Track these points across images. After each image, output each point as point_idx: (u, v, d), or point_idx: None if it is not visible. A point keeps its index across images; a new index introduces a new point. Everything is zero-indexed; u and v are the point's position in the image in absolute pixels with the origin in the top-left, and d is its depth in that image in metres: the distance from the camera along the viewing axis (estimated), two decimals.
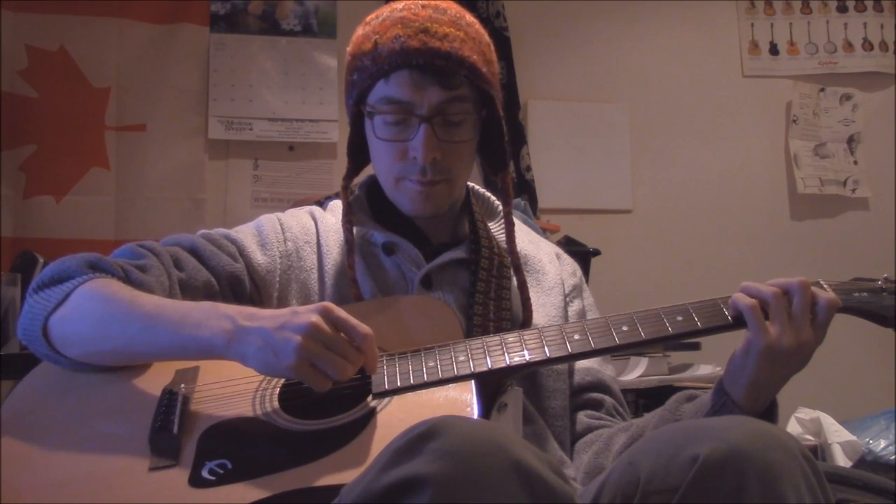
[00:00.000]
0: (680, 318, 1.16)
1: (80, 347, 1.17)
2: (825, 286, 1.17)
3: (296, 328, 1.04)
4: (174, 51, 2.92)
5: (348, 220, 1.35)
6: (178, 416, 1.10)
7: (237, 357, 1.08)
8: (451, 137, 1.28)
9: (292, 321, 1.05)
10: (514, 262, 1.36)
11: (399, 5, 1.31)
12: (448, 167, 1.29)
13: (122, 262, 1.23)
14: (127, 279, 1.20)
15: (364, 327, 1.08)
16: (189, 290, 1.26)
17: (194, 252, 1.30)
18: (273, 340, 1.04)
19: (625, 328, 1.16)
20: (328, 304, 1.08)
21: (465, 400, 1.08)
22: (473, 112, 1.29)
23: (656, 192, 3.26)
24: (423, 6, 1.30)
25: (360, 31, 1.33)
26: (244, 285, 1.31)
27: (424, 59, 1.23)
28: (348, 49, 1.34)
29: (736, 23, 3.39)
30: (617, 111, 3.26)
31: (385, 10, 1.32)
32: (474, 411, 1.06)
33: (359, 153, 1.38)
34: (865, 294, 1.18)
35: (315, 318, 1.05)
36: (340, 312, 1.07)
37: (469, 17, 1.33)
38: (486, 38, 1.34)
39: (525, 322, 1.32)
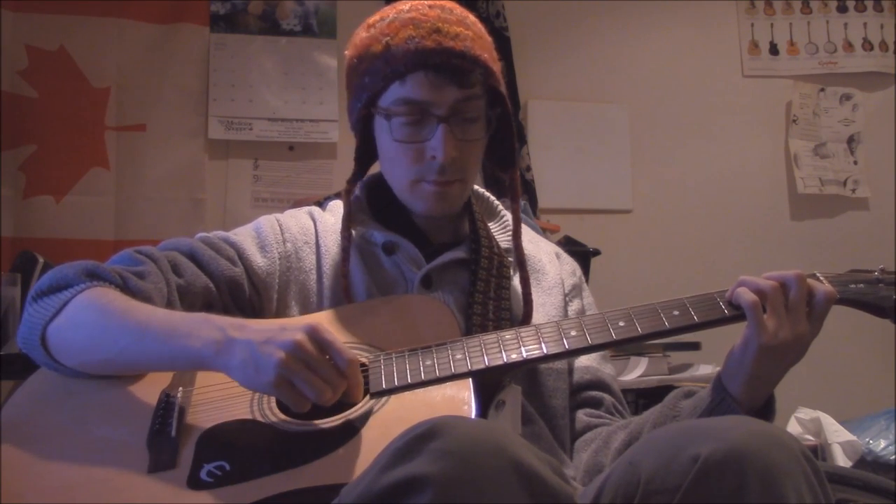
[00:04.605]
0: (676, 313, 1.16)
1: (75, 357, 1.17)
2: (822, 278, 1.18)
3: (279, 344, 1.03)
4: (174, 51, 2.92)
5: (346, 226, 1.35)
6: (176, 418, 1.10)
7: (222, 368, 1.07)
8: (466, 136, 1.28)
9: (277, 337, 1.04)
10: (518, 258, 1.36)
11: (404, 6, 1.31)
12: (463, 166, 1.29)
13: (120, 270, 1.22)
14: (125, 287, 1.20)
15: (349, 352, 1.06)
16: (188, 296, 1.25)
17: (193, 257, 1.30)
18: (256, 355, 1.03)
19: (622, 323, 1.16)
20: (316, 324, 1.07)
21: (462, 398, 1.08)
22: (486, 110, 1.30)
23: (656, 191, 3.25)
24: (430, 6, 1.30)
25: (363, 34, 1.32)
26: (243, 289, 1.30)
27: (440, 59, 1.23)
28: (349, 53, 1.33)
29: (736, 23, 3.39)
30: (617, 111, 3.26)
31: (390, 12, 1.31)
32: (472, 409, 1.06)
33: (364, 156, 1.38)
34: (862, 285, 1.18)
35: (300, 337, 1.03)
36: (327, 334, 1.06)
37: (472, 17, 1.34)
38: (489, 36, 1.35)
39: (525, 318, 1.32)
